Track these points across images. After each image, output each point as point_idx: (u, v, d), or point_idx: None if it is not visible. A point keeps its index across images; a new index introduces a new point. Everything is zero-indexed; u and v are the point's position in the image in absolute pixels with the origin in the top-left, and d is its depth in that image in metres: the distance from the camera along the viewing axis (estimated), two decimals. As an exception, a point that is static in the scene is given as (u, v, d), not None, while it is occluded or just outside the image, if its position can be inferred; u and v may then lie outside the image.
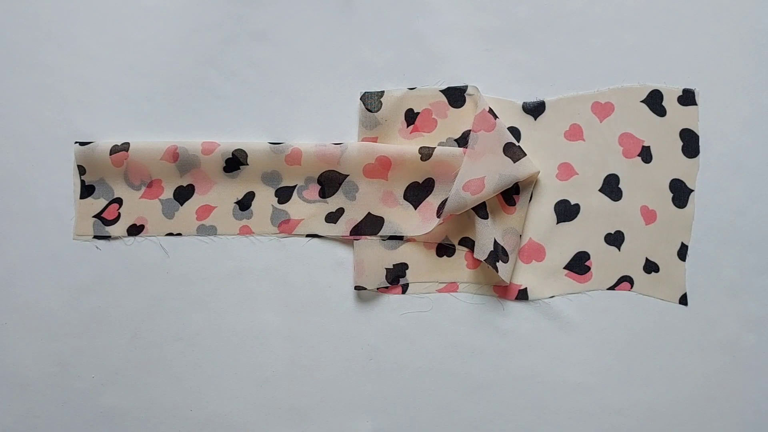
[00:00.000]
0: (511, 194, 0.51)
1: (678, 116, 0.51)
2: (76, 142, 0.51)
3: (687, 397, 0.51)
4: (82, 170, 0.51)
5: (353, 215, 0.51)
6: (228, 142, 0.51)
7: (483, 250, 0.49)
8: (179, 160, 0.51)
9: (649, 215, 0.51)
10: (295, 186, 0.51)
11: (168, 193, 0.51)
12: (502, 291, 0.51)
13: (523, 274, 0.51)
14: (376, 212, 0.51)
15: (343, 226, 0.51)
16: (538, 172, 0.51)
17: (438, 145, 0.51)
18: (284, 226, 0.51)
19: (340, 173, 0.51)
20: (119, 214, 0.51)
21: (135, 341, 0.50)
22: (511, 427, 0.51)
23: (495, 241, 0.49)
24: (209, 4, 0.51)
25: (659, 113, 0.51)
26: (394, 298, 0.52)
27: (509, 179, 0.49)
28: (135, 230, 0.49)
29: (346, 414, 0.51)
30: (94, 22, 0.52)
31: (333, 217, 0.51)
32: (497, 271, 0.49)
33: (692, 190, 0.51)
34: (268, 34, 0.52)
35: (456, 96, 0.51)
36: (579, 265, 0.51)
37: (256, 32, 0.52)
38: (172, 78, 0.52)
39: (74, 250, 0.52)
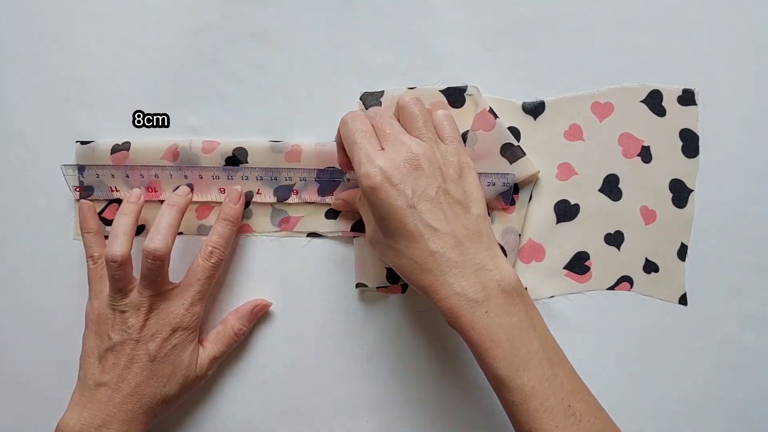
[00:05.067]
0: (510, 194, 0.51)
1: (678, 116, 0.51)
2: (77, 142, 0.51)
3: (687, 397, 0.51)
4: (81, 170, 0.51)
5: (353, 213, 0.51)
6: (228, 140, 0.51)
7: None
8: (179, 159, 0.51)
9: (648, 215, 0.51)
10: (294, 185, 0.51)
11: (167, 193, 0.51)
12: (502, 291, 0.51)
13: (522, 274, 0.51)
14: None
15: (343, 223, 0.51)
16: (538, 172, 0.51)
17: (438, 144, 0.51)
18: (284, 224, 0.52)
19: (339, 170, 0.51)
20: (119, 214, 0.51)
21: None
22: (511, 427, 0.51)
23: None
24: (209, 4, 0.52)
25: (659, 113, 0.51)
26: (394, 298, 0.52)
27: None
28: (136, 230, 0.49)
29: (346, 414, 0.51)
30: (94, 22, 0.52)
31: (333, 213, 0.51)
32: None
33: (692, 190, 0.51)
34: (268, 34, 0.52)
35: (456, 96, 0.51)
36: (579, 265, 0.51)
37: (256, 32, 0.52)
38: (172, 78, 0.52)
39: (74, 250, 0.52)
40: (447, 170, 0.43)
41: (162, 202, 0.51)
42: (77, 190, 0.51)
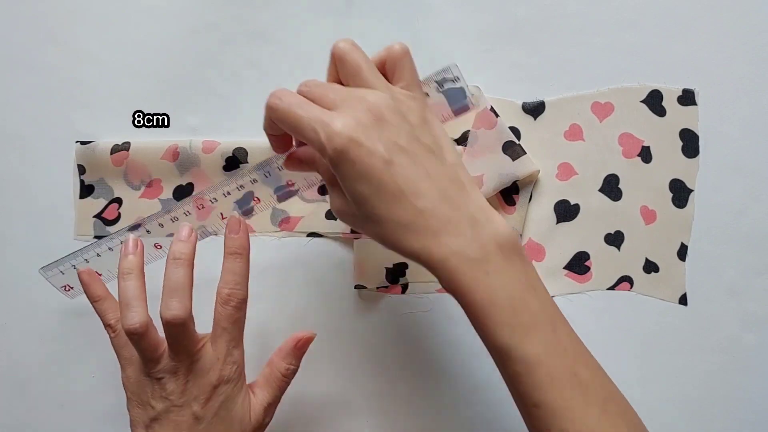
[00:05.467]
0: (510, 194, 0.51)
1: (678, 116, 0.51)
2: (77, 142, 0.51)
3: (687, 397, 0.51)
4: (81, 170, 0.51)
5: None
6: (228, 140, 0.51)
7: None
8: (179, 159, 0.51)
9: (648, 215, 0.51)
10: (294, 184, 0.51)
11: (167, 193, 0.51)
12: (502, 291, 0.51)
13: (523, 274, 0.51)
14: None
15: (343, 224, 0.51)
16: (538, 171, 0.51)
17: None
18: (284, 224, 0.52)
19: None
20: (119, 214, 0.51)
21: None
22: (511, 427, 0.51)
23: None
24: (209, 4, 0.52)
25: (659, 113, 0.51)
26: (394, 298, 0.52)
27: (508, 177, 0.49)
28: (136, 230, 0.49)
29: (346, 414, 0.51)
30: (94, 22, 0.52)
31: (333, 214, 0.51)
32: None
33: (692, 190, 0.51)
34: (268, 34, 0.52)
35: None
36: (579, 265, 0.51)
37: (256, 32, 0.52)
38: (172, 78, 0.52)
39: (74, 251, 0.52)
40: (410, 116, 0.37)
41: (162, 201, 0.51)
42: (65, 289, 0.49)
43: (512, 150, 0.50)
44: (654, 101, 0.51)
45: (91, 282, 0.46)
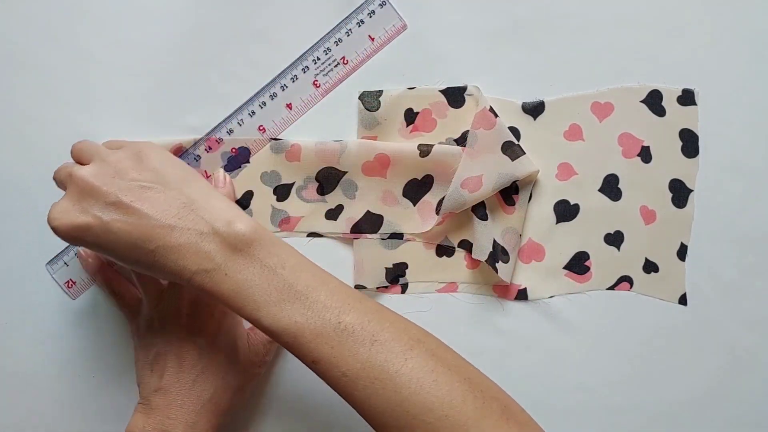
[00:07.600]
0: (510, 194, 0.51)
1: (677, 116, 0.51)
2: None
3: (687, 397, 0.51)
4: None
5: (352, 213, 0.51)
6: (229, 139, 0.51)
7: (482, 250, 0.49)
8: (181, 158, 0.51)
9: (648, 215, 0.51)
10: (293, 184, 0.51)
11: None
12: (502, 291, 0.51)
13: (522, 274, 0.51)
14: (375, 210, 0.51)
15: (343, 224, 0.51)
16: (538, 171, 0.51)
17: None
18: (284, 224, 0.52)
19: (338, 170, 0.51)
20: (119, 214, 0.51)
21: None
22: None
23: (494, 241, 0.49)
24: (209, 4, 0.52)
25: (659, 113, 0.51)
26: (394, 298, 0.52)
27: (507, 178, 0.49)
28: None
29: (345, 414, 0.51)
30: (94, 22, 0.52)
31: (333, 214, 0.51)
32: (497, 272, 0.49)
33: (692, 190, 0.51)
34: (268, 34, 0.52)
35: (456, 96, 0.51)
36: (578, 265, 0.51)
37: (256, 32, 0.52)
38: (172, 78, 0.52)
39: (74, 250, 0.52)
40: (121, 165, 0.41)
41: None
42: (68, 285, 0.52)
43: (511, 150, 0.50)
44: (654, 101, 0.51)
45: (87, 260, 0.50)
